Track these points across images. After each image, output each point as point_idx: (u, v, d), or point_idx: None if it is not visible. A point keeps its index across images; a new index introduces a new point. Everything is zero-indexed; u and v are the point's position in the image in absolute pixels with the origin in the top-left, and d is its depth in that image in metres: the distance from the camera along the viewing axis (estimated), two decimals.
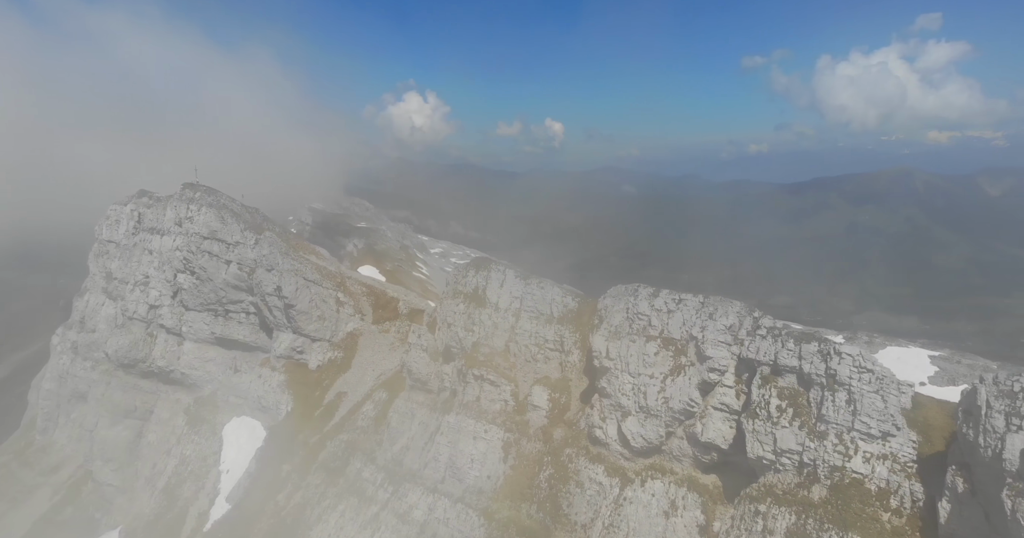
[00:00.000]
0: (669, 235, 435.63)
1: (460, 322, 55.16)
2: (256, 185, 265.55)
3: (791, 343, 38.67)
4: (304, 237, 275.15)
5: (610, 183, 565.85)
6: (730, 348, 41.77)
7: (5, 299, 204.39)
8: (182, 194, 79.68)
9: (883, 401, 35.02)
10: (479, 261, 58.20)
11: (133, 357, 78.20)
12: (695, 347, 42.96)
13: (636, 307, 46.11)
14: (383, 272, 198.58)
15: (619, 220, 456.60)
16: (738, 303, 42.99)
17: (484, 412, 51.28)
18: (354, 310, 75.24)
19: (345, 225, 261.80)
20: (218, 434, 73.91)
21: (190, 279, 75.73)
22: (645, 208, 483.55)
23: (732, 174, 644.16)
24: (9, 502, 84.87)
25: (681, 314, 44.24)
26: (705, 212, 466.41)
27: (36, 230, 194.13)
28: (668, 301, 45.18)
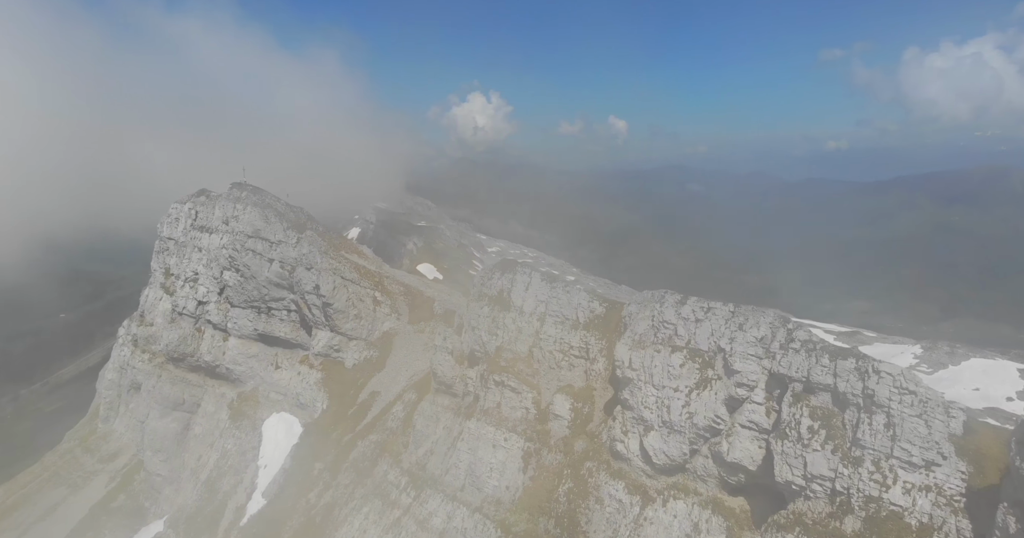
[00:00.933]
0: (737, 235, 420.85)
1: (484, 325, 54.28)
2: (324, 185, 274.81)
3: (826, 359, 35.67)
4: (368, 235, 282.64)
5: (675, 181, 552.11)
6: (760, 362, 39.03)
7: (103, 289, 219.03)
8: (230, 193, 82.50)
9: (927, 426, 31.68)
10: (505, 263, 57.18)
11: (182, 351, 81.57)
12: (723, 360, 40.42)
13: (662, 315, 43.90)
14: (440, 270, 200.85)
15: (683, 219, 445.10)
16: (771, 313, 40.14)
17: (505, 419, 50.23)
18: (391, 309, 75.75)
19: (406, 224, 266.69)
20: (258, 429, 76.05)
21: (235, 276, 78.25)
22: (712, 207, 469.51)
23: (807, 172, 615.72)
24: (70, 487, 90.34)
25: (709, 324, 41.75)
26: (777, 211, 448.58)
27: (130, 226, 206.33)
28: (696, 309, 42.76)
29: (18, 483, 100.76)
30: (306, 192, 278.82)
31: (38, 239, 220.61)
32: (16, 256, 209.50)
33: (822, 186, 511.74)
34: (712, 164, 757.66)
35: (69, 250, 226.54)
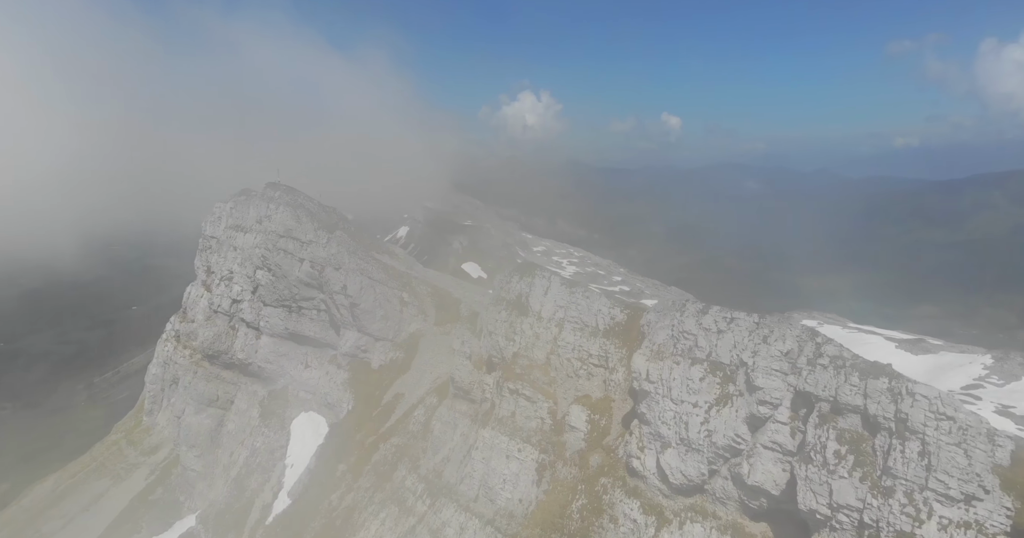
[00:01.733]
0: (797, 235, 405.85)
1: (501, 331, 52.97)
2: (375, 185, 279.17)
3: (855, 377, 32.77)
4: (416, 234, 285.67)
5: (731, 179, 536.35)
6: (785, 378, 36.31)
7: (171, 284, 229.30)
8: (263, 193, 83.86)
9: (966, 457, 28.55)
10: (524, 266, 55.69)
11: (217, 348, 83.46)
12: (745, 374, 37.85)
13: (682, 325, 41.56)
14: (485, 269, 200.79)
15: (739, 218, 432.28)
16: (798, 326, 37.33)
17: (519, 429, 48.80)
18: (417, 310, 75.40)
19: (453, 223, 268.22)
20: (286, 428, 77.04)
21: (267, 275, 79.47)
22: (770, 206, 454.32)
23: (873, 169, 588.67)
24: (114, 478, 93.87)
25: (732, 335, 39.20)
26: (840, 210, 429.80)
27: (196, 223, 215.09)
28: (718, 319, 40.25)
29: (68, 473, 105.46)
30: (357, 192, 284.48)
31: (115, 236, 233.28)
32: (96, 253, 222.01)
33: (889, 184, 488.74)
34: (771, 162, 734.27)
35: (143, 246, 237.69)
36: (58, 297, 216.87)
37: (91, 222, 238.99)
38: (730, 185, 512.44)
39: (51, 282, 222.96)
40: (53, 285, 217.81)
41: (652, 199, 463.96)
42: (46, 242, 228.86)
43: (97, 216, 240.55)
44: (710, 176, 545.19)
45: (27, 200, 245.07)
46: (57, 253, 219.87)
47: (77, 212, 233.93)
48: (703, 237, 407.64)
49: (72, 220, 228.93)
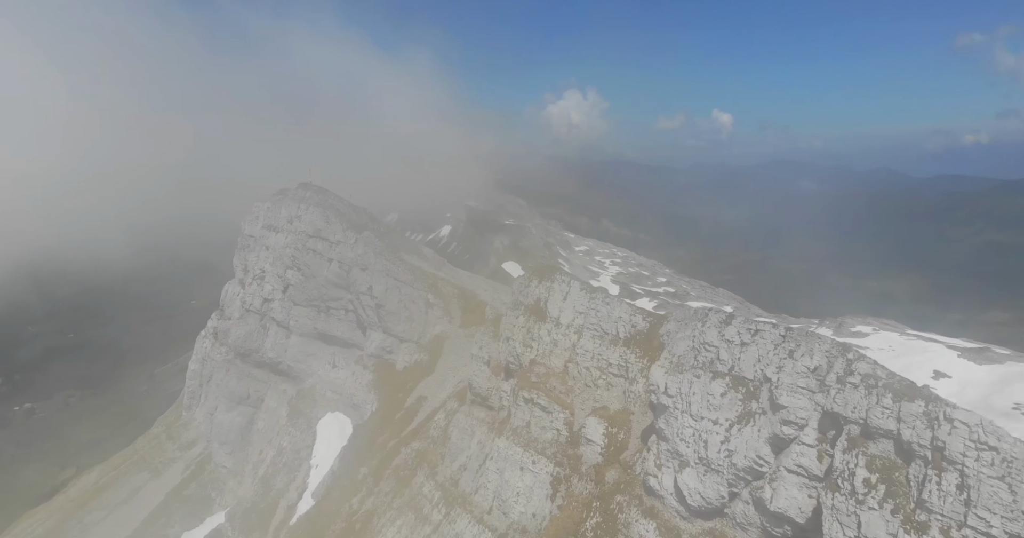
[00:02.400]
0: (856, 236, 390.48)
1: (519, 336, 51.47)
2: (420, 184, 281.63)
3: (888, 399, 29.95)
4: (458, 232, 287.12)
5: (784, 178, 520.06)
6: (812, 397, 33.63)
7: (225, 280, 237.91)
8: (294, 193, 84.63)
9: (1011, 492, 25.55)
10: (543, 269, 53.98)
11: (248, 347, 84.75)
12: (769, 391, 35.30)
13: (703, 336, 39.19)
14: (525, 268, 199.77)
15: (793, 218, 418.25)
16: (828, 340, 34.54)
17: (534, 441, 47.22)
18: (443, 312, 74.63)
19: (494, 222, 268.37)
20: (313, 428, 77.49)
21: (297, 275, 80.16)
22: (826, 205, 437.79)
23: (939, 168, 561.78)
24: (152, 472, 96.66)
25: (756, 348, 36.66)
26: (903, 211, 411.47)
27: None
28: (742, 331, 37.74)
29: (111, 464, 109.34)
30: (402, 191, 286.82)
31: (171, 233, 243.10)
32: (152, 250, 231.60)
33: (957, 183, 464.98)
34: (829, 160, 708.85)
35: (201, 243, 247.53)
36: (122, 291, 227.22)
37: (142, 219, 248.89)
38: (784, 184, 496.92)
39: (113, 277, 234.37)
40: (115, 280, 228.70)
41: (701, 198, 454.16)
42: (102, 239, 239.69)
43: (147, 214, 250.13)
44: (763, 174, 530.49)
45: (79, 199, 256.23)
46: (116, 250, 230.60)
47: (123, 209, 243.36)
48: (754, 237, 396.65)
49: (118, 216, 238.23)
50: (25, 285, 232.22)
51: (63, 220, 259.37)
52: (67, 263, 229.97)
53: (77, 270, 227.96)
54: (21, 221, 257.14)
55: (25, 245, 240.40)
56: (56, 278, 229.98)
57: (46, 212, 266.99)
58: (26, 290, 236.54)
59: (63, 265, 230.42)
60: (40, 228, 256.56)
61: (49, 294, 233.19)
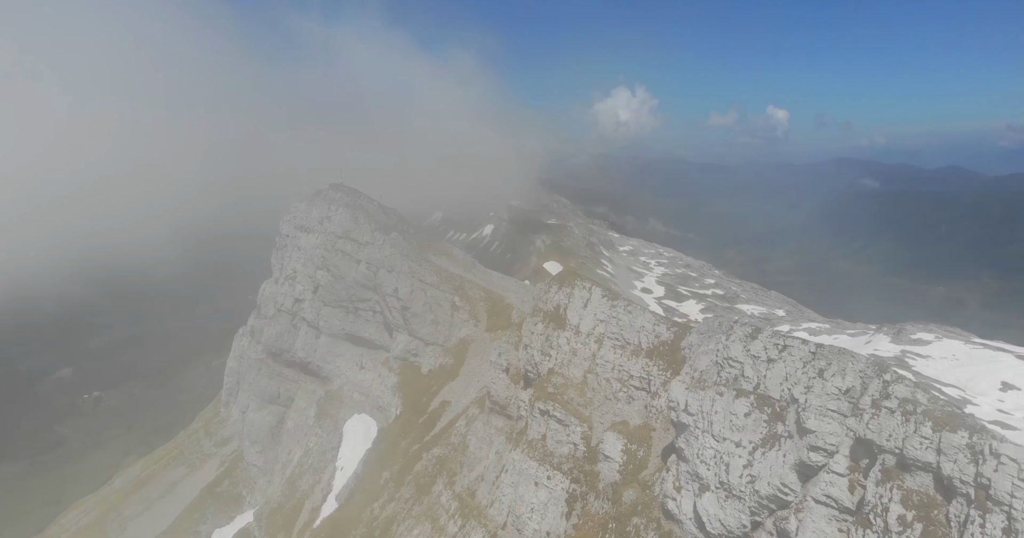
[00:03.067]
0: (922, 238, 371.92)
1: (537, 344, 49.61)
2: (462, 183, 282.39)
3: (927, 427, 26.89)
4: (500, 232, 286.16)
5: (844, 176, 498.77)
6: (844, 421, 30.68)
7: None
8: (325, 194, 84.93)
9: None
10: (563, 275, 51.92)
11: (279, 346, 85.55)
12: (796, 413, 32.48)
13: (727, 350, 36.53)
14: (566, 269, 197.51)
15: (854, 218, 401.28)
16: (862, 358, 31.49)
17: (550, 455, 45.32)
18: (469, 315, 73.39)
19: (536, 222, 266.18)
20: (339, 429, 77.48)
21: (326, 276, 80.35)
22: (890, 205, 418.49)
23: (1014, 166, 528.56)
24: (189, 467, 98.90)
25: (783, 366, 33.84)
26: (974, 211, 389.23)
27: None
28: (769, 346, 34.94)
29: (153, 458, 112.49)
30: (446, 191, 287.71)
31: (234, 232, 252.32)
32: (222, 247, 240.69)
33: None
34: (892, 157, 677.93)
35: (265, 241, 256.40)
36: (183, 286, 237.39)
37: (199, 219, 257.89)
38: (844, 182, 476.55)
39: (174, 272, 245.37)
40: (177, 275, 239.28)
41: (754, 197, 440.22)
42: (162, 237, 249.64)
43: (204, 213, 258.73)
44: (821, 172, 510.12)
45: (137, 198, 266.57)
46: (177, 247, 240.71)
47: (171, 208, 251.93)
48: (812, 238, 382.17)
49: (177, 216, 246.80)
50: (93, 279, 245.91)
51: (125, 219, 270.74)
52: (132, 260, 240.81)
53: (141, 266, 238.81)
54: (84, 218, 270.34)
55: (90, 242, 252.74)
56: (122, 273, 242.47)
57: (109, 210, 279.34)
58: (94, 284, 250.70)
59: (128, 261, 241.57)
60: (103, 225, 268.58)
61: (115, 288, 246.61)
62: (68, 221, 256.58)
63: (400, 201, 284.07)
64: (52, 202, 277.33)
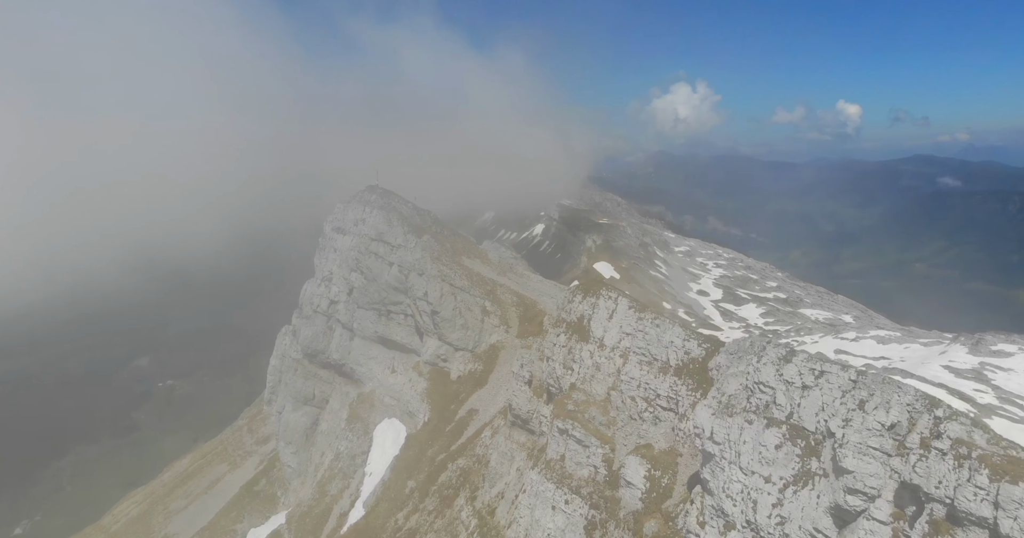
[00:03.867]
0: (1006, 240, 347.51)
1: (559, 357, 47.06)
2: (513, 182, 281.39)
3: (983, 476, 23.10)
4: (551, 231, 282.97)
5: (922, 174, 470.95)
6: (888, 461, 27.02)
7: None
8: (360, 196, 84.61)
9: None
10: (588, 284, 49.07)
11: (315, 347, 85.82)
12: (832, 449, 28.95)
13: (758, 374, 33.13)
14: (618, 269, 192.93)
15: (932, 219, 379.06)
16: (911, 390, 27.68)
17: (568, 477, 42.74)
18: (500, 321, 71.39)
19: (587, 221, 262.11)
20: (369, 433, 76.91)
21: (360, 278, 79.94)
22: (973, 205, 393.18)
23: None
24: (231, 464, 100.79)
25: (820, 394, 30.29)
26: None
27: None
28: (804, 371, 31.40)
29: (199, 453, 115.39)
30: (497, 190, 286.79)
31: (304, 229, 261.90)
32: (295, 245, 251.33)
33: None
34: (976, 154, 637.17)
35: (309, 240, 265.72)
36: (253, 280, 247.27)
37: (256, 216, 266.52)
38: (922, 180, 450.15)
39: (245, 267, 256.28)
40: (247, 270, 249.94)
41: (823, 195, 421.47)
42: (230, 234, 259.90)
43: (257, 211, 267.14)
44: (896, 170, 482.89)
45: (192, 197, 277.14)
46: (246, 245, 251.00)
47: (236, 207, 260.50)
48: (886, 239, 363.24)
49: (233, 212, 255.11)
50: (169, 274, 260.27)
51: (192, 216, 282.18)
52: (205, 256, 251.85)
53: (214, 262, 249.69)
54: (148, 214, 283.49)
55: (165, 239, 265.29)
56: (195, 267, 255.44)
57: (175, 207, 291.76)
58: (170, 278, 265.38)
59: (201, 256, 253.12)
60: (170, 220, 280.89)
61: (190, 282, 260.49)
62: (129, 217, 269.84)
63: (450, 201, 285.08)
64: (114, 198, 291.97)
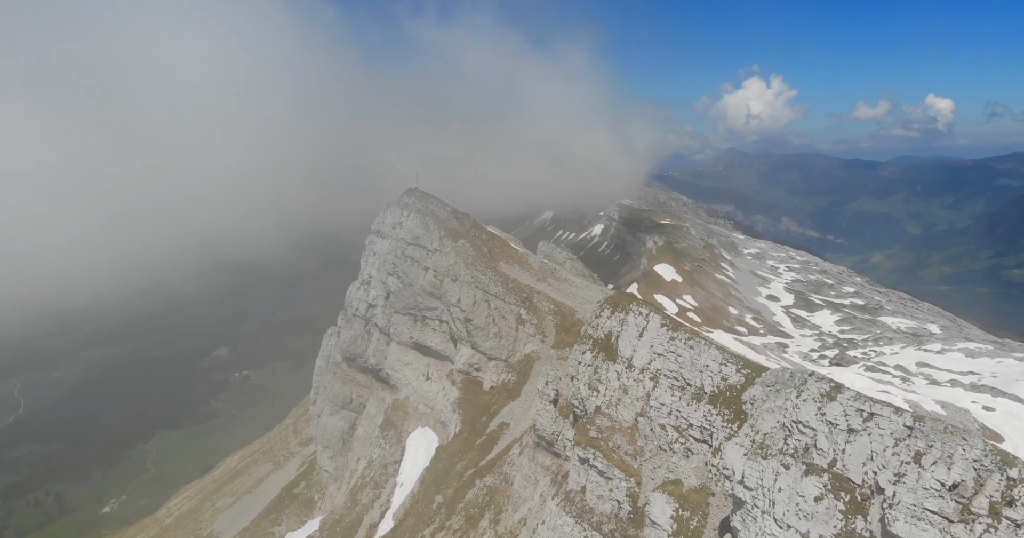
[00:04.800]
0: None
1: (584, 377, 43.50)
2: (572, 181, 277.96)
3: None
4: (610, 232, 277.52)
5: (1021, 173, 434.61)
6: (949, 529, 22.46)
7: None
8: (399, 199, 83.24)
9: None
10: (617, 298, 45.15)
11: (353, 351, 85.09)
12: (882, 509, 24.47)
13: (797, 411, 28.78)
14: (680, 272, 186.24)
15: None
16: (980, 444, 22.94)
17: (589, 511, 39.15)
18: (535, 330, 68.19)
19: (648, 221, 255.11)
20: (402, 442, 75.35)
21: (396, 283, 78.50)
22: None
23: None
24: (275, 464, 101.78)
25: (868, 440, 25.79)
26: None
27: None
28: (851, 412, 26.90)
29: (250, 450, 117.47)
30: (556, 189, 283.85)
31: (356, 230, 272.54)
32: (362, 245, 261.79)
33: None
34: None
35: None
36: (322, 276, 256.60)
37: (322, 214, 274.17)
38: (1021, 180, 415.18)
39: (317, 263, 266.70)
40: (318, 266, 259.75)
41: (909, 195, 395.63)
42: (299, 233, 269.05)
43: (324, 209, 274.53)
44: (993, 169, 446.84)
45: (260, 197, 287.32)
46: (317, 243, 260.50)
47: (305, 205, 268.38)
48: (978, 242, 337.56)
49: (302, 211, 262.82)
50: (247, 270, 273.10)
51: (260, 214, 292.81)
52: (281, 254, 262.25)
53: (288, 260, 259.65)
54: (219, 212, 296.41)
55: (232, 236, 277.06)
56: (272, 263, 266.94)
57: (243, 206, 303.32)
58: (247, 274, 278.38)
59: (277, 255, 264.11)
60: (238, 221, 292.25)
61: (265, 277, 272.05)
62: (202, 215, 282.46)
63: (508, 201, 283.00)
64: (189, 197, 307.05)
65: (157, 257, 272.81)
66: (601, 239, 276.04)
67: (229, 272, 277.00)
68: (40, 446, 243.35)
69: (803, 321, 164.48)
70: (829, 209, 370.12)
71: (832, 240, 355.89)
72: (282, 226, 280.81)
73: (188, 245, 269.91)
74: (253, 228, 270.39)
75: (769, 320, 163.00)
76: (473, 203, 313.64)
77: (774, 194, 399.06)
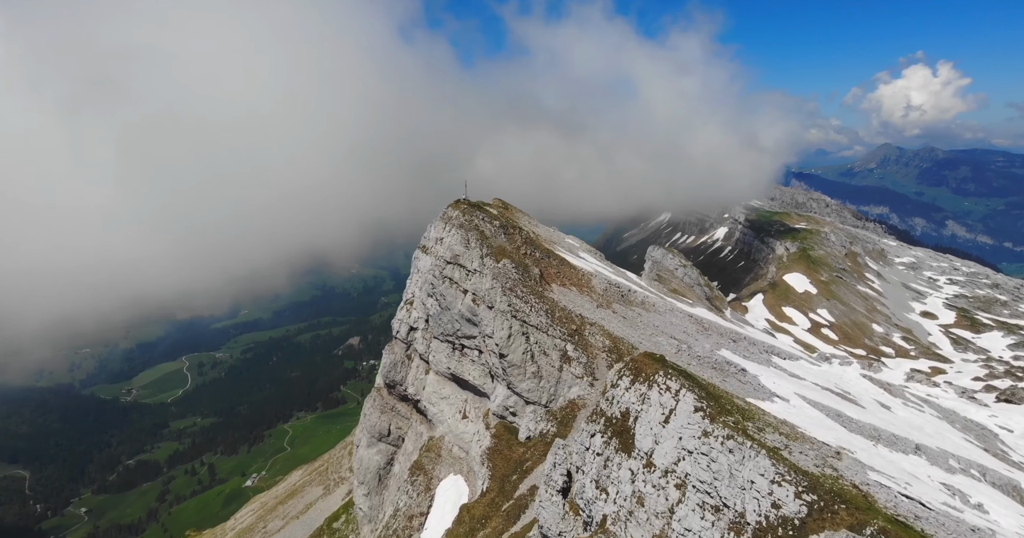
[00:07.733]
0: None
1: (591, 469, 32.26)
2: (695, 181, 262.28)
3: None
4: (734, 236, 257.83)
5: None
6: None
7: None
8: (444, 212, 74.94)
9: None
10: (640, 363, 33.17)
11: (392, 377, 78.01)
12: None
13: None
14: (815, 282, 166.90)
15: None
16: None
17: None
18: (584, 370, 56.81)
19: (780, 224, 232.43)
20: (431, 491, 66.78)
21: (435, 305, 70.22)
22: None
23: None
24: (326, 489, 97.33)
25: None
26: None
27: None
28: None
29: (310, 468, 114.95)
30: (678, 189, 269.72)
31: None
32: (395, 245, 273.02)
33: None
34: None
35: None
36: None
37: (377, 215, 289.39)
38: None
39: None
40: None
41: None
42: None
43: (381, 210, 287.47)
44: None
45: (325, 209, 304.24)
46: None
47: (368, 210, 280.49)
48: None
49: None
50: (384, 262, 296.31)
51: None
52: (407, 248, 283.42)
53: None
54: None
55: None
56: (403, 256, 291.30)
57: None
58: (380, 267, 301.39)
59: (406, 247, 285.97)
60: None
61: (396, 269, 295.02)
62: None
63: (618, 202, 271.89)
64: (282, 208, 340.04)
65: None
66: (724, 244, 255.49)
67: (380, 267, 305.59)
68: (200, 419, 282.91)
69: (967, 344, 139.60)
70: (1007, 212, 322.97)
71: (1010, 248, 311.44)
72: None
73: None
74: None
75: (923, 340, 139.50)
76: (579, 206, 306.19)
77: (937, 195, 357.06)
